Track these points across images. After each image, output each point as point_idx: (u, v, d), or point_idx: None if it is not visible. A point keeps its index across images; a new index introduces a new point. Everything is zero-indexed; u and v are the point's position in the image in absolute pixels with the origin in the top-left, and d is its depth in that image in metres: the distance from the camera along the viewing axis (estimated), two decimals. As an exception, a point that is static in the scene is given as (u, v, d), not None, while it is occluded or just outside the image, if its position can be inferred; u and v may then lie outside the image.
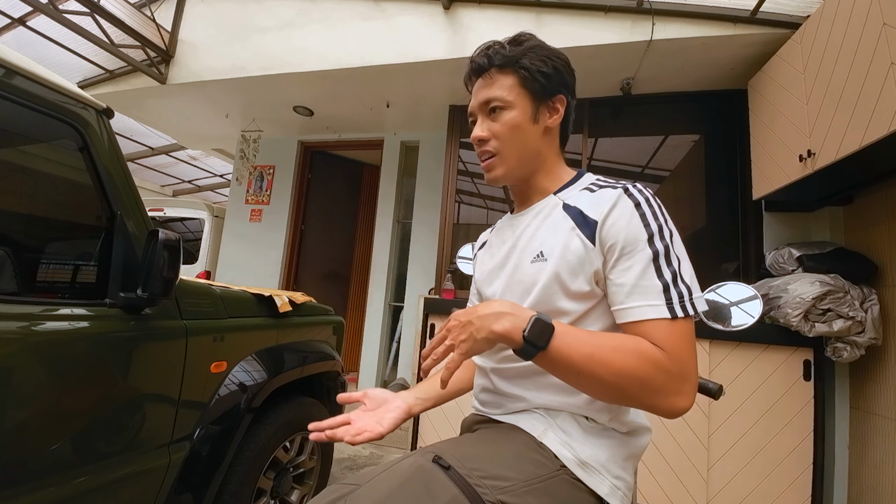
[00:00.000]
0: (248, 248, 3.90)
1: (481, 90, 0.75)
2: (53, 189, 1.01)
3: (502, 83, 0.73)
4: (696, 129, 2.70)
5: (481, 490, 0.53)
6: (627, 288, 0.61)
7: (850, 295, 1.72)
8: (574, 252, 0.65)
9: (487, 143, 0.75)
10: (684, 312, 0.59)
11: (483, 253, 0.89)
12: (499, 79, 0.74)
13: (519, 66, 0.72)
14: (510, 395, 0.71)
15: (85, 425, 0.91)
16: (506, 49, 0.74)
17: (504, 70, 0.73)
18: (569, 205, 0.71)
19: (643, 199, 0.64)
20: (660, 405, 0.56)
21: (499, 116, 0.73)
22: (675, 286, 0.60)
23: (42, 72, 0.90)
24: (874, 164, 1.64)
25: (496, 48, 0.74)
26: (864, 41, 1.48)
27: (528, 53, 0.73)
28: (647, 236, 0.62)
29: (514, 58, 0.73)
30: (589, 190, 0.72)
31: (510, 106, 0.73)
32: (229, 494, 1.22)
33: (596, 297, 0.65)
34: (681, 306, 0.59)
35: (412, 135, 3.64)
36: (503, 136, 0.74)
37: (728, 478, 1.80)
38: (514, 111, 0.73)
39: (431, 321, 2.33)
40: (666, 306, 0.59)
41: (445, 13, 2.52)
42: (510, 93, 0.73)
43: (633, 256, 0.61)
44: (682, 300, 0.59)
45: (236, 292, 1.38)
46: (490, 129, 0.74)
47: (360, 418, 0.69)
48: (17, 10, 2.80)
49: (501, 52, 0.73)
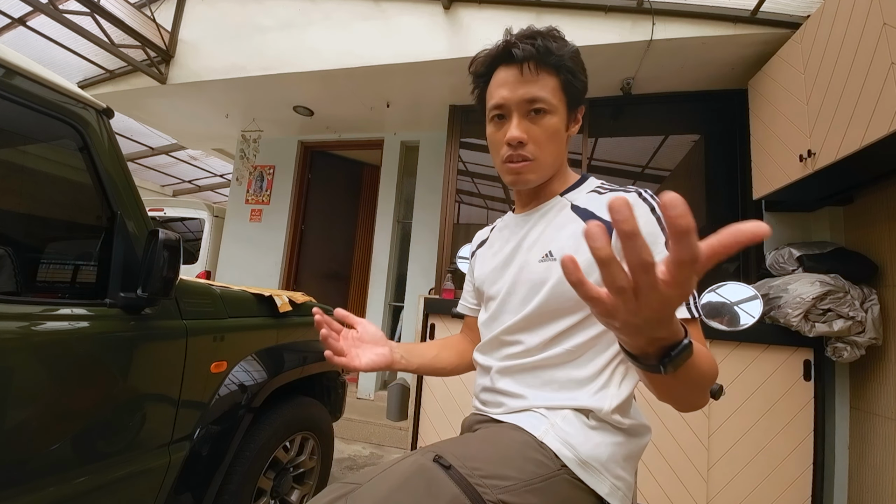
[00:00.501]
0: (248, 248, 3.90)
1: (522, 85, 0.68)
2: (54, 189, 1.01)
3: (546, 84, 0.68)
4: (697, 129, 2.70)
5: (482, 489, 0.53)
6: None
7: (851, 295, 1.72)
8: (585, 250, 0.64)
9: (525, 146, 0.69)
10: (698, 313, 0.61)
11: (484, 251, 0.88)
12: (543, 78, 0.68)
13: (566, 70, 0.68)
14: (511, 393, 0.71)
15: (85, 425, 0.91)
16: (553, 45, 0.67)
17: (548, 69, 0.68)
18: (578, 206, 0.71)
19: (656, 205, 0.65)
20: (702, 402, 0.55)
21: (541, 120, 0.68)
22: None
23: (42, 72, 0.90)
24: (874, 163, 1.64)
25: (542, 41, 0.67)
26: (865, 41, 1.47)
27: (574, 57, 0.69)
28: (665, 240, 0.62)
29: (562, 58, 0.67)
30: (597, 192, 0.72)
31: (553, 111, 0.68)
32: (229, 494, 1.22)
33: None
34: (695, 307, 0.61)
35: (412, 135, 3.64)
36: (542, 143, 0.69)
37: (728, 478, 1.80)
38: (556, 117, 0.69)
39: (431, 321, 2.33)
40: (685, 307, 0.60)
41: (445, 13, 2.52)
42: (554, 96, 0.68)
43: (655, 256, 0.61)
44: (695, 301, 0.61)
45: (236, 292, 1.38)
46: (529, 131, 0.69)
47: (351, 341, 0.69)
48: (17, 10, 2.80)
49: (549, 48, 0.67)
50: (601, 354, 0.67)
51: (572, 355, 0.68)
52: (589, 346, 0.67)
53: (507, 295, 0.75)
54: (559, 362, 0.68)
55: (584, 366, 0.67)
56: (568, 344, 0.68)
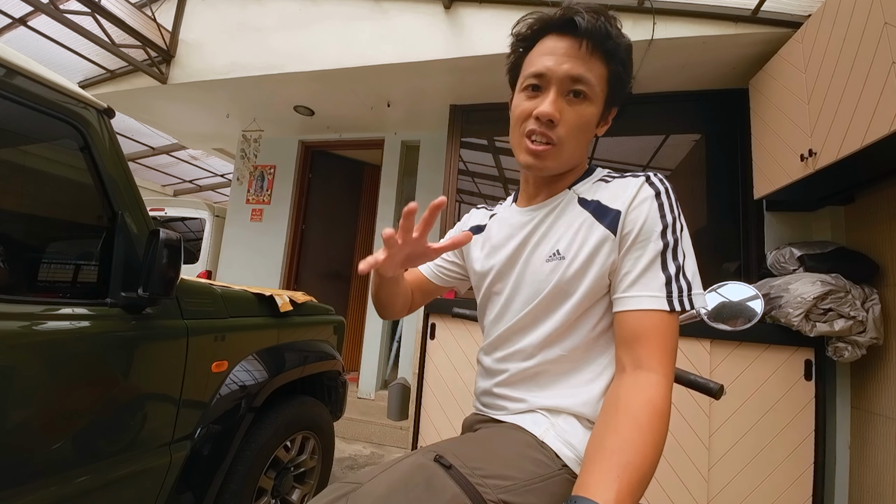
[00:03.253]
0: (249, 248, 3.90)
1: (571, 60, 0.62)
2: (55, 189, 1.01)
3: (596, 68, 0.63)
4: (697, 128, 2.70)
5: (482, 489, 0.53)
6: (632, 277, 0.61)
7: (852, 294, 1.71)
8: (594, 247, 0.64)
9: (555, 127, 0.64)
10: (681, 307, 0.59)
11: (482, 240, 0.83)
12: (595, 61, 0.63)
13: (618, 61, 0.63)
14: (512, 397, 0.71)
15: (86, 425, 0.91)
16: (613, 31, 0.62)
17: (602, 54, 0.63)
18: (585, 199, 0.68)
19: (663, 189, 0.63)
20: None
21: (579, 104, 0.64)
22: (677, 280, 0.59)
23: (43, 72, 0.90)
24: (876, 163, 1.64)
25: (605, 22, 0.61)
26: (866, 40, 1.47)
27: (628, 51, 0.64)
28: (661, 228, 0.61)
29: (619, 48, 0.63)
30: (604, 181, 0.69)
31: (594, 99, 0.64)
32: (230, 494, 1.22)
33: (605, 289, 0.65)
34: (678, 300, 0.59)
35: (413, 134, 3.64)
36: (573, 129, 0.64)
37: (729, 477, 1.80)
38: (594, 107, 0.64)
39: (432, 321, 2.33)
40: (666, 299, 0.59)
41: (446, 12, 2.51)
42: (600, 84, 0.64)
43: (645, 246, 0.61)
44: (681, 295, 0.59)
45: (237, 292, 1.38)
46: (563, 112, 0.63)
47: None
48: (18, 10, 2.80)
49: (611, 34, 0.62)
50: (601, 356, 0.67)
51: (573, 355, 0.67)
52: (589, 347, 0.67)
53: (513, 292, 0.73)
54: (559, 363, 0.68)
55: (584, 368, 0.67)
56: (568, 343, 0.67)
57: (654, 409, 0.52)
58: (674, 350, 0.58)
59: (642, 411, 0.52)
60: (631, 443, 0.49)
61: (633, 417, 0.52)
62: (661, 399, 0.53)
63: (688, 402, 1.84)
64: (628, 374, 0.58)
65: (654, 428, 0.51)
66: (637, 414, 0.52)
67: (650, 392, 0.54)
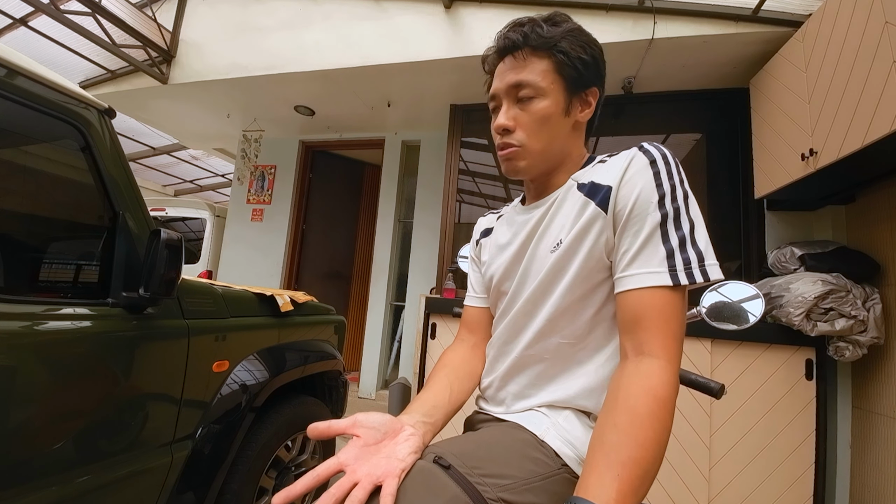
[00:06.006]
0: (250, 248, 3.90)
1: (510, 72, 0.67)
2: (56, 189, 1.01)
3: (536, 67, 0.65)
4: (698, 127, 2.70)
5: (482, 488, 0.53)
6: (631, 254, 0.58)
7: (853, 294, 1.71)
8: (584, 226, 0.63)
9: (512, 133, 0.67)
10: (690, 279, 0.54)
11: (490, 241, 0.84)
12: (532, 61, 0.66)
13: (556, 50, 0.65)
14: (514, 393, 0.71)
15: (87, 424, 0.92)
16: (543, 28, 0.65)
17: (539, 52, 0.65)
18: (582, 183, 0.67)
19: (659, 156, 0.60)
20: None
21: (528, 105, 0.66)
22: (683, 251, 0.55)
23: (44, 72, 0.90)
24: (876, 162, 1.64)
25: (532, 26, 0.65)
26: (867, 39, 1.47)
27: (567, 36, 0.66)
28: (659, 197, 0.57)
29: (552, 39, 0.65)
30: (602, 162, 0.69)
31: (542, 94, 0.65)
32: (231, 493, 1.22)
33: (606, 271, 0.63)
34: (686, 273, 0.54)
35: (413, 134, 3.64)
36: (530, 129, 0.67)
37: (730, 477, 1.80)
38: (547, 101, 0.66)
39: (433, 320, 2.33)
40: (668, 273, 0.55)
41: (446, 12, 2.51)
42: (544, 79, 0.65)
43: (643, 220, 0.58)
44: (689, 266, 0.54)
45: (238, 292, 1.38)
46: (517, 118, 0.67)
47: (363, 462, 0.52)
48: (18, 11, 2.80)
49: (538, 32, 0.65)
50: (606, 345, 0.65)
51: (573, 343, 0.66)
52: (589, 335, 0.66)
53: (518, 287, 0.72)
54: (559, 353, 0.67)
55: (586, 358, 0.66)
56: (568, 331, 0.66)
57: (655, 399, 0.50)
58: (679, 331, 0.54)
59: (642, 402, 0.50)
60: (632, 437, 0.47)
61: (632, 409, 0.49)
62: (662, 387, 0.50)
63: (689, 401, 1.84)
64: (630, 360, 0.55)
65: (656, 419, 0.48)
66: (636, 405, 0.49)
67: (651, 380, 0.51)
